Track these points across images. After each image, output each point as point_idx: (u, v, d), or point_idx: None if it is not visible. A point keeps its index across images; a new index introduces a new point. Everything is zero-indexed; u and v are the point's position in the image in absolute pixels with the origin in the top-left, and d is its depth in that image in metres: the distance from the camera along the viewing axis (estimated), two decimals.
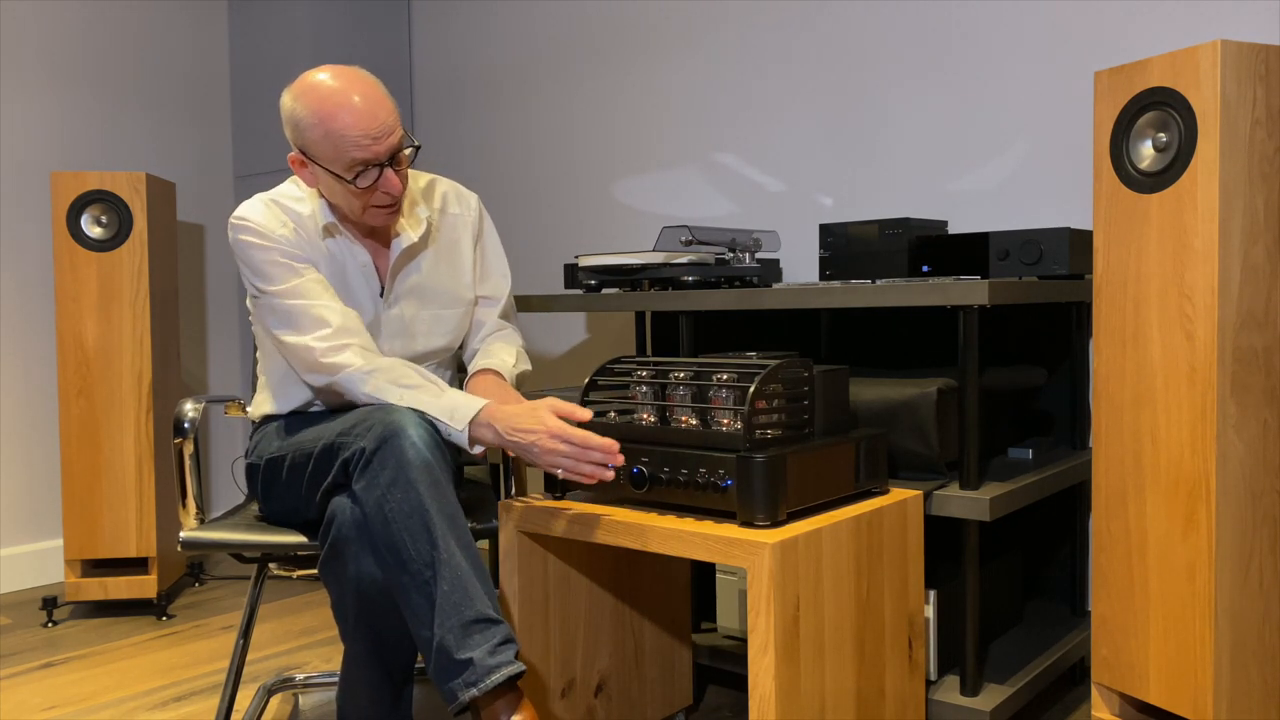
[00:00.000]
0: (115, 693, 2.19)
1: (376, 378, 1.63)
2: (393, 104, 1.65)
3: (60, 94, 3.12)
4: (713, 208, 2.76)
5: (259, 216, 1.71)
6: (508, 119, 3.24)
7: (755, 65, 2.66)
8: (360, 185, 1.63)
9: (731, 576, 2.01)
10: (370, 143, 1.60)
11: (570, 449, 1.50)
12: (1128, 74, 1.53)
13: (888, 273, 2.06)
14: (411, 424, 1.53)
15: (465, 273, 1.88)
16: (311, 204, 1.74)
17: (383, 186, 1.64)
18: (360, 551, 1.53)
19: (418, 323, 1.81)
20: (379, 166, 1.63)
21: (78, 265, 2.68)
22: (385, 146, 1.62)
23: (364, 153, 1.61)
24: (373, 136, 1.60)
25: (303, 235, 1.72)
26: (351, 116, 1.60)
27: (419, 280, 1.82)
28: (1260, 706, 1.51)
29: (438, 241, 1.86)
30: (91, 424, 2.69)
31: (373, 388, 1.63)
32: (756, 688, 1.36)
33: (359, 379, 1.64)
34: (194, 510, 1.78)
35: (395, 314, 1.79)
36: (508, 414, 1.56)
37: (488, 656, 1.42)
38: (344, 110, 1.60)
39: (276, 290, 1.69)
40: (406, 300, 1.81)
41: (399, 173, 1.66)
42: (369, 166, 1.62)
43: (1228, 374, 1.44)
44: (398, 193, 1.66)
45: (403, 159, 1.66)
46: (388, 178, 1.64)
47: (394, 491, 1.48)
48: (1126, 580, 1.57)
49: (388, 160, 1.63)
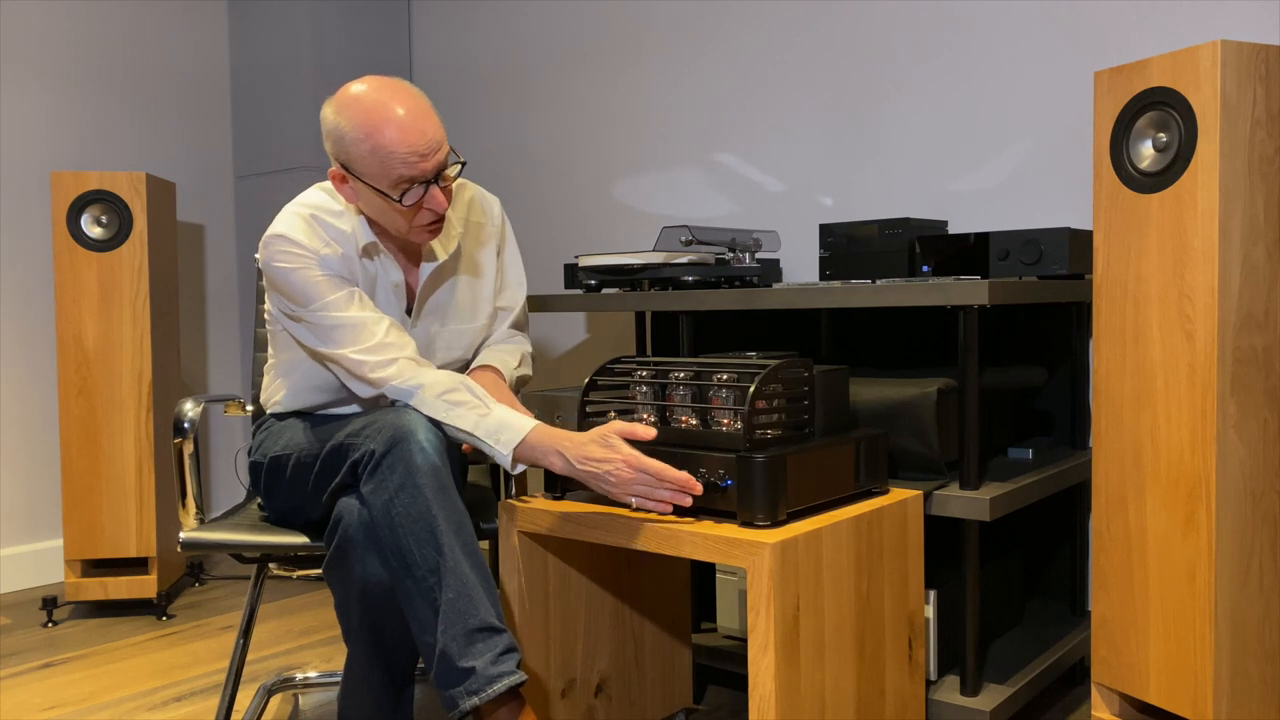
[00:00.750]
0: (115, 693, 2.19)
1: (424, 393, 1.58)
2: (439, 119, 1.60)
3: (60, 94, 3.12)
4: (713, 208, 2.76)
5: (301, 237, 1.63)
6: (508, 119, 3.24)
7: (755, 65, 2.66)
8: (406, 204, 1.57)
9: (731, 576, 2.01)
10: (418, 160, 1.54)
11: (647, 479, 1.46)
12: (1128, 74, 1.53)
13: (888, 273, 2.06)
14: (421, 427, 1.52)
15: (487, 287, 1.85)
16: (351, 220, 1.67)
17: (428, 204, 1.59)
18: (366, 553, 1.53)
19: (439, 339, 1.79)
20: (425, 184, 1.57)
21: (78, 265, 2.68)
22: (433, 164, 1.56)
23: (411, 170, 1.55)
24: (420, 154, 1.54)
25: (346, 254, 1.66)
26: (399, 132, 1.53)
27: (445, 299, 1.79)
28: (1260, 706, 1.51)
29: (464, 254, 1.82)
30: (91, 424, 2.69)
31: (417, 402, 1.58)
32: (756, 688, 1.36)
33: (406, 392, 1.59)
34: (194, 510, 1.78)
35: (418, 332, 1.76)
36: (577, 442, 1.50)
37: (490, 666, 1.42)
38: (390, 125, 1.53)
39: (320, 304, 1.62)
40: (430, 318, 1.78)
41: (444, 189, 1.60)
42: (415, 184, 1.56)
43: (1228, 374, 1.44)
44: (443, 210, 1.60)
45: (448, 175, 1.61)
46: (434, 195, 1.58)
47: (401, 496, 1.48)
48: (1126, 580, 1.57)
49: (434, 177, 1.58)
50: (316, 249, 1.63)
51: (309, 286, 1.62)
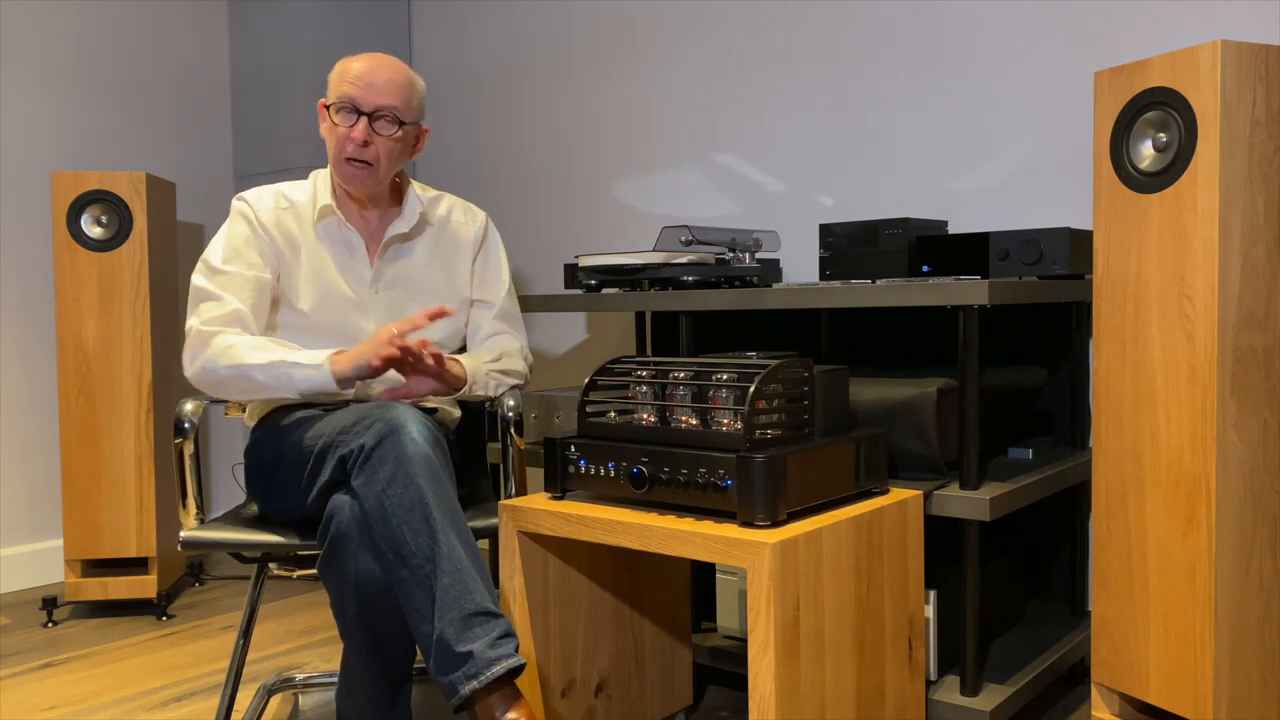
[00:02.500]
0: (115, 693, 2.19)
1: (237, 348, 1.72)
2: (406, 86, 1.82)
3: (60, 94, 3.12)
4: (713, 208, 2.77)
5: (254, 196, 1.87)
6: (508, 119, 3.24)
7: (755, 65, 2.66)
8: (336, 120, 1.80)
9: (731, 576, 2.01)
10: (362, 89, 1.79)
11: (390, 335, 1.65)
12: (1128, 74, 1.53)
13: (888, 273, 2.06)
14: (412, 420, 1.54)
15: (459, 274, 1.98)
16: (310, 192, 1.89)
17: (354, 131, 1.79)
18: (359, 549, 1.53)
19: (408, 311, 1.88)
20: (358, 113, 1.79)
21: (78, 265, 2.68)
22: (372, 100, 1.79)
23: (351, 89, 1.79)
24: (366, 84, 1.79)
25: (290, 221, 1.86)
26: (360, 63, 1.81)
27: (410, 272, 1.92)
28: (1260, 706, 1.51)
29: (436, 241, 1.96)
30: (91, 424, 2.69)
31: (229, 357, 1.72)
32: (756, 688, 1.36)
33: (219, 352, 1.73)
34: (194, 510, 1.78)
35: (383, 299, 1.89)
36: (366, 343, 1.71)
37: (488, 649, 1.42)
38: (356, 60, 1.82)
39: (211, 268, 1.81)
40: (396, 289, 1.91)
41: (376, 139, 1.80)
42: (351, 106, 1.79)
43: (1228, 374, 1.44)
44: (361, 141, 1.79)
45: (383, 125, 1.80)
46: (361, 125, 1.79)
47: (394, 486, 1.49)
48: (1126, 580, 1.57)
49: (370, 114, 1.79)
50: (266, 208, 1.85)
51: (222, 244, 1.83)
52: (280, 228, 1.85)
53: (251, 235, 1.83)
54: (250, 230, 1.84)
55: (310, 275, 1.85)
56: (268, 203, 1.86)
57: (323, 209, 1.86)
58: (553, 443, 1.63)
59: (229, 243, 1.83)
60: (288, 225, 1.86)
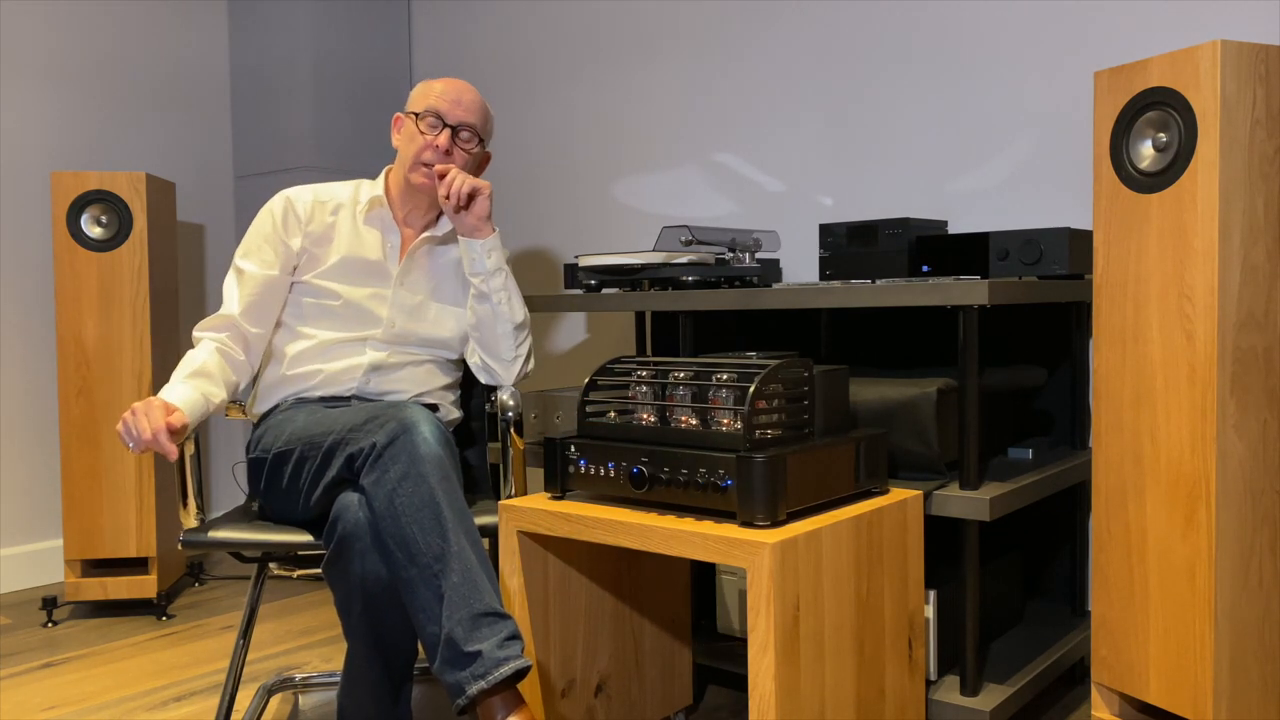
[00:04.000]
0: (115, 693, 2.19)
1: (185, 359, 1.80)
2: (484, 110, 1.94)
3: (60, 94, 3.12)
4: (713, 208, 2.77)
5: (294, 190, 1.94)
6: (508, 119, 3.24)
7: (755, 65, 2.66)
8: (422, 128, 1.88)
9: (731, 576, 2.01)
10: (450, 104, 1.89)
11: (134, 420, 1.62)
12: (1128, 74, 1.53)
13: (888, 273, 2.06)
14: (423, 420, 1.55)
15: None
16: (353, 189, 1.96)
17: (437, 139, 1.87)
18: (366, 549, 1.53)
19: (428, 309, 1.95)
20: (443, 124, 1.88)
21: (78, 265, 2.68)
22: (458, 116, 1.89)
23: (439, 103, 1.88)
24: (453, 100, 1.89)
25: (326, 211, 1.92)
26: (444, 83, 1.92)
27: (435, 273, 1.97)
28: (1260, 706, 1.51)
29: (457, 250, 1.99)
30: (91, 424, 2.69)
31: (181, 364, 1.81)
32: (756, 688, 1.36)
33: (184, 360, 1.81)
34: (194, 510, 1.78)
35: (405, 293, 1.93)
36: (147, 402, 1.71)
37: (496, 650, 1.42)
38: (438, 81, 1.93)
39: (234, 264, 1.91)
40: (419, 286, 1.95)
41: (456, 149, 1.89)
42: (437, 117, 1.88)
43: (1228, 374, 1.44)
44: (443, 149, 1.87)
45: (465, 141, 1.91)
46: (444, 135, 1.88)
47: (405, 485, 1.50)
48: (1126, 580, 1.57)
49: (453, 127, 1.88)
50: (304, 203, 1.91)
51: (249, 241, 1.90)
52: (318, 211, 1.92)
53: (271, 232, 1.90)
54: (271, 226, 1.90)
55: (341, 257, 1.90)
56: (306, 196, 1.93)
57: (373, 199, 1.93)
58: (553, 443, 1.63)
59: (250, 238, 1.91)
60: (324, 214, 1.92)
